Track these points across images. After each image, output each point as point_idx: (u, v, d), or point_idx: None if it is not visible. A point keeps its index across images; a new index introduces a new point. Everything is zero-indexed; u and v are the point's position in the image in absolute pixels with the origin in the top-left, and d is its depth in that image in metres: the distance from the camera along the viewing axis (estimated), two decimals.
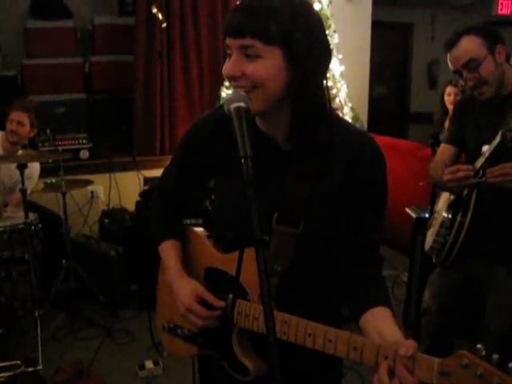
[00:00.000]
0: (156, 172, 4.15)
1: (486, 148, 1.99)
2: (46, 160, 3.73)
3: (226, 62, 1.15)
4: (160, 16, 4.34)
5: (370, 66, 5.53)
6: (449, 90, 4.74)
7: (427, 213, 3.11)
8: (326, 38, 1.17)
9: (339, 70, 4.35)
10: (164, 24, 4.38)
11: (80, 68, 4.64)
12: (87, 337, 3.38)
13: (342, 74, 4.37)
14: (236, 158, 1.02)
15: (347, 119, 4.28)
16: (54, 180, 3.72)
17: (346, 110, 4.33)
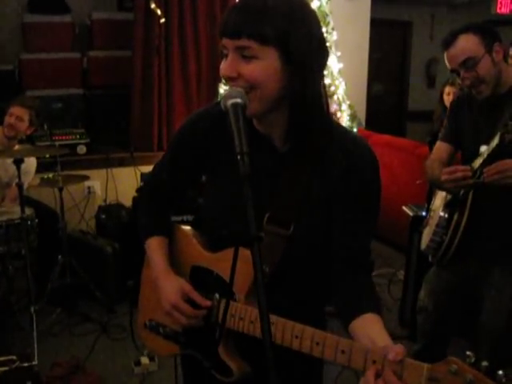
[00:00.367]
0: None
1: (484, 148, 1.98)
2: (43, 155, 3.72)
3: (222, 62, 1.14)
4: (158, 11, 4.33)
5: (368, 64, 5.53)
6: (448, 89, 4.72)
7: (424, 211, 3.10)
8: (322, 37, 1.16)
9: (337, 67, 4.36)
10: (162, 19, 4.37)
11: (78, 63, 4.63)
12: (83, 332, 3.38)
13: (341, 71, 4.38)
14: (230, 156, 1.00)
15: (345, 116, 4.29)
16: (50, 175, 3.71)
17: (344, 107, 4.33)
